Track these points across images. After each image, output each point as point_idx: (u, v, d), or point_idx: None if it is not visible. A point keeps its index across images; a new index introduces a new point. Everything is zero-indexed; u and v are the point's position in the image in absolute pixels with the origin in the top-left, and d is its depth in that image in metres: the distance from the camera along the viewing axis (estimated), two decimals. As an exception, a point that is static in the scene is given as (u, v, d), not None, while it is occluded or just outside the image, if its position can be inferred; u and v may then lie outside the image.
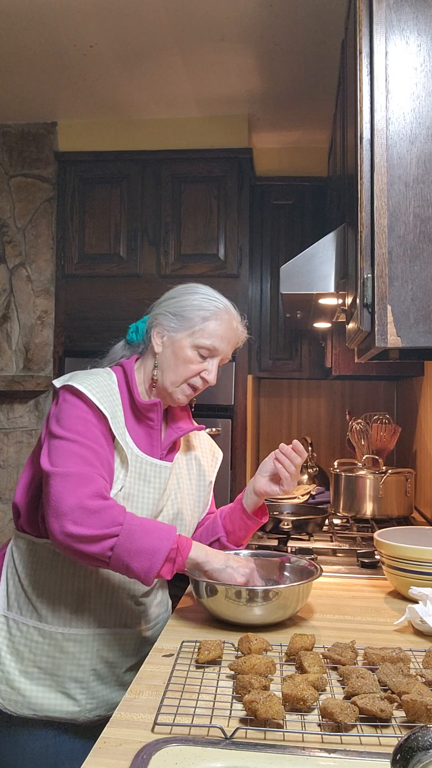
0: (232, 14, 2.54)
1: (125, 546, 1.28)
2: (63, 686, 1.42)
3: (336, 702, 0.98)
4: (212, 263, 3.34)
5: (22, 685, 1.42)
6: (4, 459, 3.53)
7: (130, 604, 1.49)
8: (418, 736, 0.69)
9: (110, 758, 0.91)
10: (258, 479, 1.59)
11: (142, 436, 1.49)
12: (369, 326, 1.38)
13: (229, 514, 1.64)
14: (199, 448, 1.68)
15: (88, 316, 3.41)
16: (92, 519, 1.26)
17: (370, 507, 2.51)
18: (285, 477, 1.55)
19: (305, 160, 3.69)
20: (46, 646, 1.43)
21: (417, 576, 1.54)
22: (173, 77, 3.05)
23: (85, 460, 1.34)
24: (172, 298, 1.54)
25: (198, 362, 1.49)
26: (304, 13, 2.52)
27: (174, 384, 1.50)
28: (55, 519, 1.27)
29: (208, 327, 1.48)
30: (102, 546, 1.28)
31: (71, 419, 1.38)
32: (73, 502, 1.27)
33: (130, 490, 1.44)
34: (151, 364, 1.53)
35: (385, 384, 3.84)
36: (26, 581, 1.47)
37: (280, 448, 1.57)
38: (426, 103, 1.36)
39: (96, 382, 1.43)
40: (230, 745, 0.93)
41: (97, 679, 1.44)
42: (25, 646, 1.44)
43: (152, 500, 1.47)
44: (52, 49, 2.82)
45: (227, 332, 1.51)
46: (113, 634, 1.46)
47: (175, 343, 1.49)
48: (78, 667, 1.43)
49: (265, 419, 4.00)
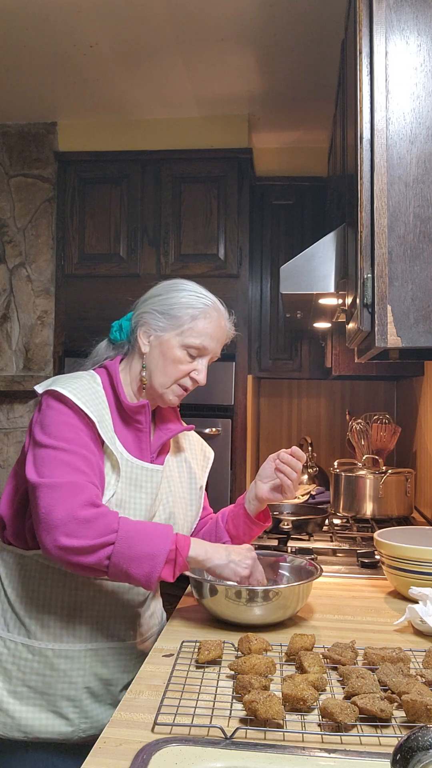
0: (232, 14, 2.54)
1: (123, 553, 1.23)
2: (54, 705, 1.36)
3: (336, 702, 0.98)
4: (212, 263, 3.34)
5: (11, 706, 1.36)
6: (4, 459, 3.53)
7: (123, 617, 1.44)
8: (418, 736, 0.69)
9: (110, 758, 0.91)
10: (259, 486, 1.56)
11: (130, 439, 1.44)
12: (369, 326, 1.38)
13: (232, 518, 1.61)
14: (188, 450, 1.63)
15: (88, 316, 3.41)
16: (85, 529, 1.22)
17: (370, 507, 2.51)
18: (287, 485, 1.52)
19: (305, 160, 3.69)
20: (36, 663, 1.37)
21: (417, 576, 1.54)
22: (173, 77, 3.05)
23: (75, 468, 1.28)
24: (158, 296, 1.48)
25: (187, 362, 1.44)
26: (304, 13, 2.52)
27: (163, 386, 1.44)
28: (47, 533, 1.23)
29: (197, 326, 1.43)
30: (98, 556, 1.23)
31: (57, 425, 1.32)
32: (63, 513, 1.22)
33: (122, 496, 1.39)
34: (139, 365, 1.47)
35: (385, 384, 3.84)
36: (13, 596, 1.41)
37: (279, 456, 1.53)
38: (426, 103, 1.36)
39: (81, 386, 1.38)
40: (230, 745, 0.93)
41: (90, 697, 1.38)
42: (13, 664, 1.38)
43: (145, 505, 1.42)
44: (52, 49, 2.82)
45: (216, 330, 1.46)
46: (106, 649, 1.41)
47: (163, 343, 1.43)
48: (70, 684, 1.37)
49: (265, 419, 4.00)
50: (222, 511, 1.66)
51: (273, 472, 1.54)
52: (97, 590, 1.40)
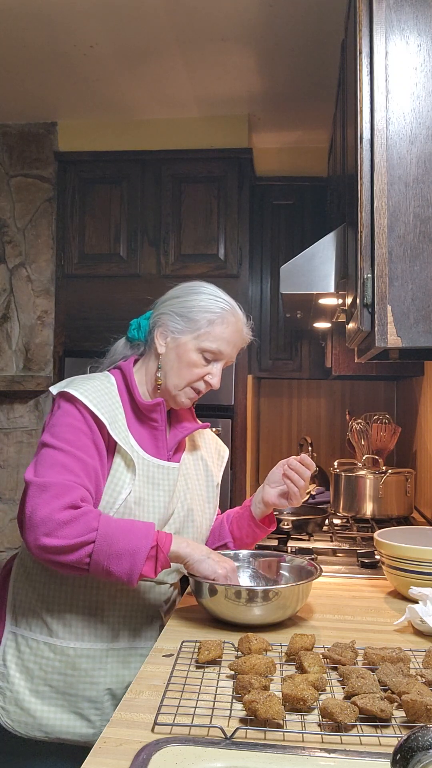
0: (232, 14, 2.54)
1: (103, 550, 1.24)
2: (76, 706, 1.37)
3: (336, 702, 0.98)
4: (212, 263, 3.34)
5: (33, 706, 1.36)
6: (4, 459, 3.53)
7: (145, 616, 1.44)
8: (418, 736, 0.69)
9: (110, 758, 0.91)
10: (267, 490, 1.56)
11: (146, 438, 1.45)
12: (369, 326, 1.38)
13: (236, 520, 1.62)
14: (204, 447, 1.64)
15: (88, 316, 3.41)
16: (64, 530, 1.23)
17: (370, 507, 2.51)
18: (293, 492, 1.52)
19: (305, 160, 3.69)
20: (57, 662, 1.37)
21: (417, 576, 1.54)
22: (173, 77, 3.05)
23: (68, 469, 1.29)
24: (177, 297, 1.49)
25: (202, 366, 1.45)
26: (304, 13, 2.52)
27: (177, 387, 1.46)
28: (29, 531, 1.24)
29: (214, 330, 1.44)
30: (79, 555, 1.24)
31: (61, 427, 1.34)
32: (44, 514, 1.23)
33: (139, 495, 1.39)
34: (154, 366, 1.48)
35: (385, 384, 3.84)
36: (35, 595, 1.42)
37: (288, 463, 1.53)
38: (426, 103, 1.36)
39: (93, 387, 1.39)
40: (230, 745, 0.93)
41: (111, 698, 1.38)
42: (35, 663, 1.38)
43: (162, 503, 1.43)
44: (52, 49, 2.82)
45: (233, 336, 1.47)
46: (129, 650, 1.41)
47: (180, 345, 1.44)
48: (92, 685, 1.37)
49: (265, 419, 4.00)
50: (227, 513, 1.67)
51: (281, 477, 1.55)
52: (117, 590, 1.41)
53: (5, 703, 1.38)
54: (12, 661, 1.40)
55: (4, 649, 1.42)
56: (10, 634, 1.43)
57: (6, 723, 1.38)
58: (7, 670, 1.40)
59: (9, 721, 1.37)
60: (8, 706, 1.38)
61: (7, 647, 1.42)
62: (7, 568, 1.53)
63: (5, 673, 1.40)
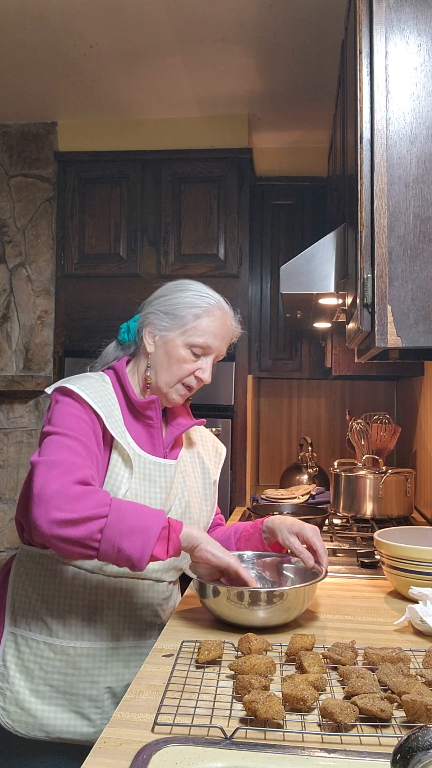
0: (231, 14, 2.54)
1: (116, 526, 1.21)
2: (77, 706, 1.37)
3: (336, 702, 0.98)
4: (212, 263, 3.34)
5: (33, 706, 1.36)
6: (4, 459, 3.53)
7: (145, 615, 1.44)
8: (418, 736, 0.69)
9: (110, 758, 0.91)
10: (286, 536, 1.51)
11: (142, 435, 1.46)
12: (369, 326, 1.38)
13: (245, 539, 1.59)
14: (201, 445, 1.65)
15: (88, 316, 3.41)
16: (76, 504, 1.20)
17: (370, 507, 2.51)
18: (303, 558, 1.49)
19: (305, 160, 3.69)
20: (58, 662, 1.37)
21: (417, 576, 1.54)
22: (173, 77, 3.05)
23: (74, 451, 1.29)
24: (162, 296, 1.51)
25: (191, 361, 1.46)
26: (304, 13, 2.52)
27: (168, 384, 1.47)
28: (39, 507, 1.20)
29: (200, 324, 1.45)
30: (90, 528, 1.20)
31: (62, 416, 1.34)
32: (55, 487, 1.20)
33: (136, 491, 1.40)
34: (144, 365, 1.49)
35: (385, 384, 3.84)
36: (34, 595, 1.42)
37: (303, 540, 1.50)
38: (426, 103, 1.36)
39: (89, 384, 1.41)
40: (230, 745, 0.93)
41: (112, 698, 1.39)
42: (35, 663, 1.38)
43: (159, 500, 1.44)
44: (52, 49, 2.82)
45: (220, 329, 1.48)
46: (128, 648, 1.41)
47: (168, 342, 1.46)
48: (92, 684, 1.37)
49: (265, 419, 4.00)
50: (236, 527, 1.64)
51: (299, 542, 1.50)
52: (117, 589, 1.41)
53: (5, 704, 1.38)
54: (12, 662, 1.40)
55: (3, 649, 1.42)
56: (9, 634, 1.43)
57: (6, 723, 1.38)
58: (7, 670, 1.40)
59: (9, 721, 1.37)
60: (8, 706, 1.38)
61: (6, 647, 1.42)
62: (6, 568, 1.53)
63: (5, 673, 1.40)
